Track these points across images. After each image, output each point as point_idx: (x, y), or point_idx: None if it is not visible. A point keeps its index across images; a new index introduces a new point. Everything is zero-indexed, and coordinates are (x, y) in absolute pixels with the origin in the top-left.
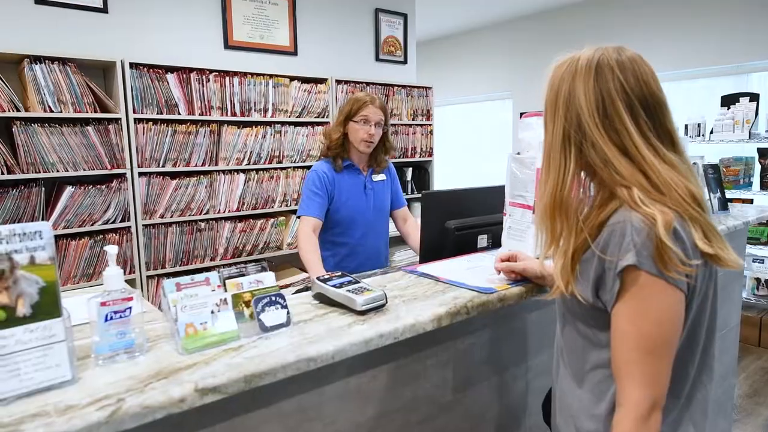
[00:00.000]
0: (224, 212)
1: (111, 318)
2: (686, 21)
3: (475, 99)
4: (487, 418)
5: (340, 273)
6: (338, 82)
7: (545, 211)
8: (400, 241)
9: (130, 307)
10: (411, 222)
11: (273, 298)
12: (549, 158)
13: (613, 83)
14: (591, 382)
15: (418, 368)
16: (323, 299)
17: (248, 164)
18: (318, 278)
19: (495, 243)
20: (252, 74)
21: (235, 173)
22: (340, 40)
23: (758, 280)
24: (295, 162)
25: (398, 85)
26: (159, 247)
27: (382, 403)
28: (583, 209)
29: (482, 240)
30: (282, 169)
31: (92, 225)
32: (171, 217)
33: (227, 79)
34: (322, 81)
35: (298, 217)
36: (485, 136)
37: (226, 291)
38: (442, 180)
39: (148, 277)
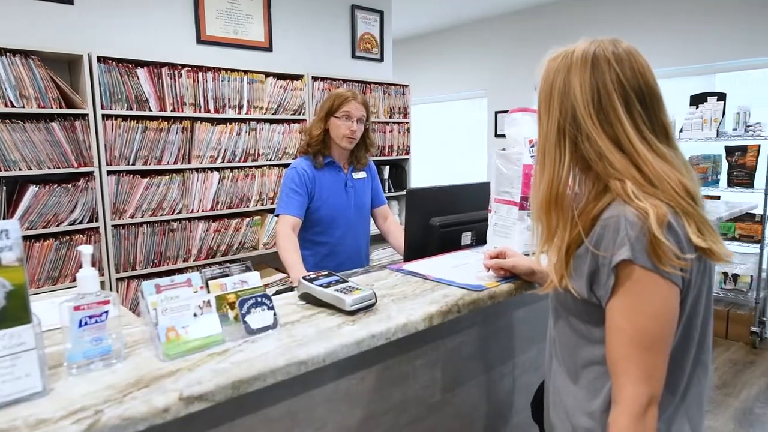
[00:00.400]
0: (198, 212)
1: (86, 323)
2: (656, 22)
3: (450, 97)
4: (476, 417)
5: (326, 272)
6: (315, 78)
7: (541, 206)
8: (378, 239)
9: (106, 312)
10: (391, 220)
11: (259, 299)
12: (544, 152)
13: (610, 75)
14: (586, 378)
15: (407, 369)
16: (310, 299)
17: (222, 162)
18: (304, 278)
19: (479, 240)
20: (226, 70)
21: (209, 171)
22: (316, 36)
23: (726, 274)
24: (270, 160)
25: (375, 83)
26: (129, 249)
27: (372, 405)
28: (578, 203)
29: (466, 237)
30: (257, 167)
31: (58, 226)
32: (142, 217)
33: (200, 74)
34: (298, 77)
35: (276, 216)
36: (461, 135)
37: (209, 292)
38: (419, 178)
39: (118, 279)
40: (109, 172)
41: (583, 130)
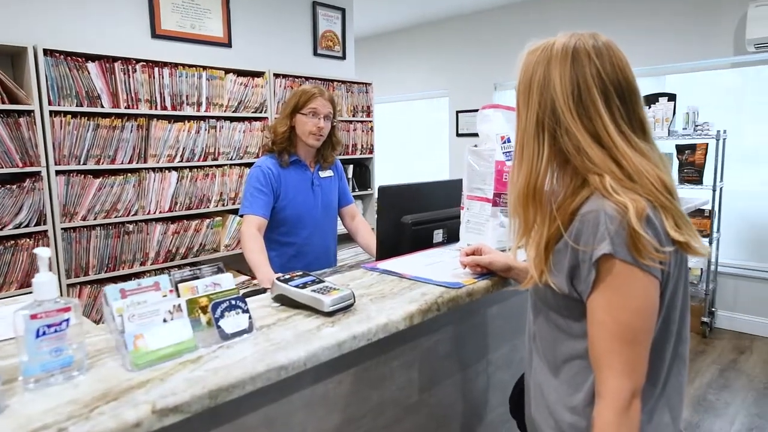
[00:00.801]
0: (155, 213)
1: (44, 333)
2: (611, 23)
3: (412, 97)
4: (452, 416)
5: (301, 272)
6: (276, 76)
7: (518, 200)
8: (343, 239)
9: (66, 320)
10: (359, 219)
11: (233, 302)
12: (522, 145)
13: (590, 69)
14: (567, 373)
15: (384, 370)
16: (285, 301)
17: (181, 161)
18: (278, 279)
19: (450, 238)
20: (183, 65)
21: (167, 171)
22: (277, 33)
23: None
24: (231, 159)
25: (338, 81)
26: (81, 253)
27: (349, 409)
28: (556, 198)
29: (438, 235)
30: (218, 166)
31: (1, 229)
32: (94, 219)
33: (156, 69)
34: (260, 74)
35: (241, 216)
36: (422, 134)
37: (179, 296)
38: (381, 177)
39: (69, 285)
40: (57, 172)
41: (562, 124)
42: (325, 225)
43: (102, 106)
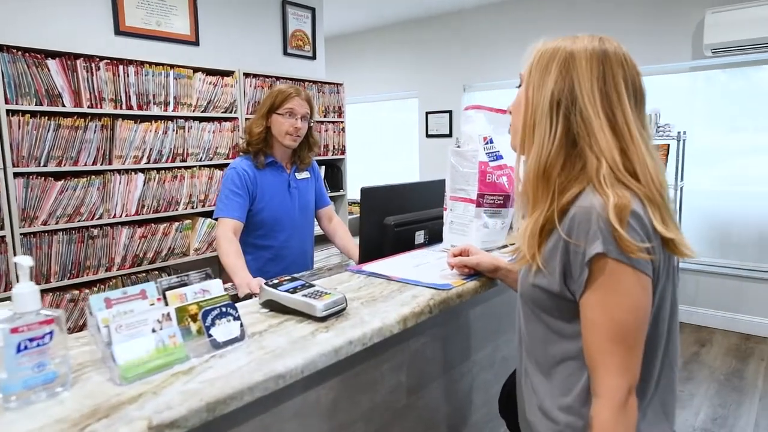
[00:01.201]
0: (121, 217)
1: (25, 348)
2: (577, 27)
3: (382, 97)
4: (438, 418)
5: (289, 276)
6: (246, 75)
7: (528, 182)
8: (318, 240)
9: (50, 332)
10: (336, 221)
11: (223, 309)
12: (534, 124)
13: (616, 65)
14: (560, 374)
15: (375, 374)
16: (274, 306)
17: (148, 163)
18: (266, 284)
19: (432, 239)
20: (150, 63)
21: (133, 173)
22: (246, 31)
23: None
24: (200, 160)
25: (309, 81)
26: (42, 259)
27: (340, 415)
28: (562, 180)
29: (419, 236)
30: (186, 167)
31: None
32: (56, 223)
33: (121, 67)
34: (229, 74)
35: (215, 219)
36: (392, 135)
37: (167, 304)
38: (352, 178)
39: None
40: (16, 174)
41: (577, 105)
42: (303, 227)
43: (63, 105)
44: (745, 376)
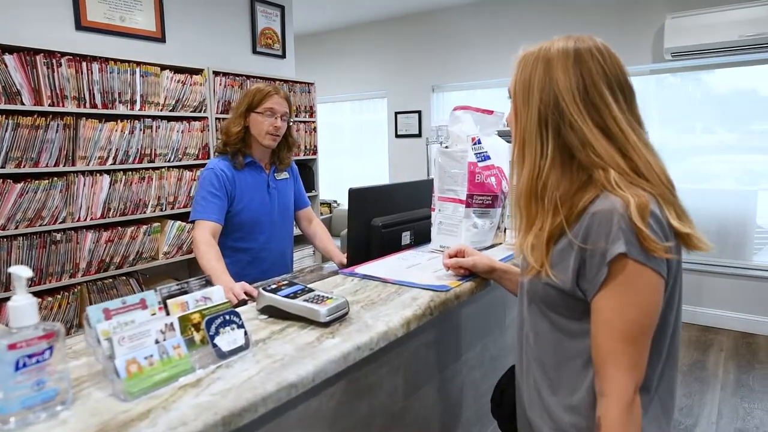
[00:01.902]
0: (85, 220)
1: (24, 365)
2: (543, 30)
3: (351, 97)
4: (432, 419)
5: (286, 281)
6: (216, 73)
7: (521, 196)
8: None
9: (50, 348)
10: (316, 222)
11: (227, 317)
12: (523, 143)
13: (594, 65)
14: (566, 373)
15: (373, 379)
16: (273, 312)
17: (114, 164)
18: (265, 289)
19: (417, 239)
20: (115, 60)
21: (98, 174)
22: (214, 28)
23: None
24: (169, 161)
25: (280, 80)
26: (0, 266)
27: (341, 422)
28: (561, 194)
29: (406, 237)
30: (154, 168)
31: None
32: (16, 228)
33: (84, 64)
34: (198, 72)
35: (192, 222)
36: (361, 135)
37: (168, 313)
38: (322, 179)
39: None
40: None
41: (566, 118)
42: (282, 229)
43: (22, 103)
44: (706, 366)
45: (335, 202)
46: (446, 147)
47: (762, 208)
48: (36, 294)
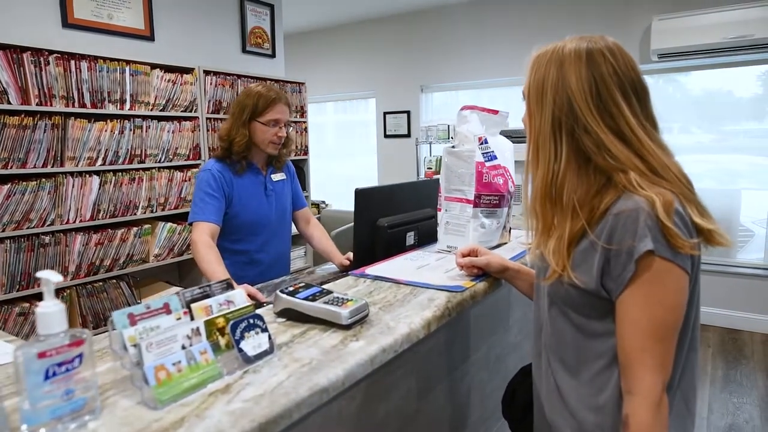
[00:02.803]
0: (74, 222)
1: (54, 374)
2: (530, 33)
3: (340, 97)
4: (442, 421)
5: (303, 283)
6: (206, 73)
7: (536, 201)
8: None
9: (80, 355)
10: (314, 223)
11: (251, 321)
12: (537, 147)
13: (606, 67)
14: (589, 373)
15: (389, 381)
16: (291, 315)
17: (103, 164)
18: (282, 291)
19: (421, 239)
20: (104, 59)
21: (87, 175)
22: (203, 27)
23: None
24: (160, 161)
25: (271, 79)
26: None
27: (360, 425)
28: (579, 197)
29: (410, 237)
30: (145, 169)
31: None
32: (3, 231)
33: (72, 62)
34: (188, 71)
35: (190, 224)
36: (350, 135)
37: (192, 318)
38: (313, 179)
39: None
40: None
41: (580, 122)
42: (280, 230)
43: (9, 103)
44: None
45: (323, 202)
46: (453, 146)
47: (744, 207)
48: (24, 299)
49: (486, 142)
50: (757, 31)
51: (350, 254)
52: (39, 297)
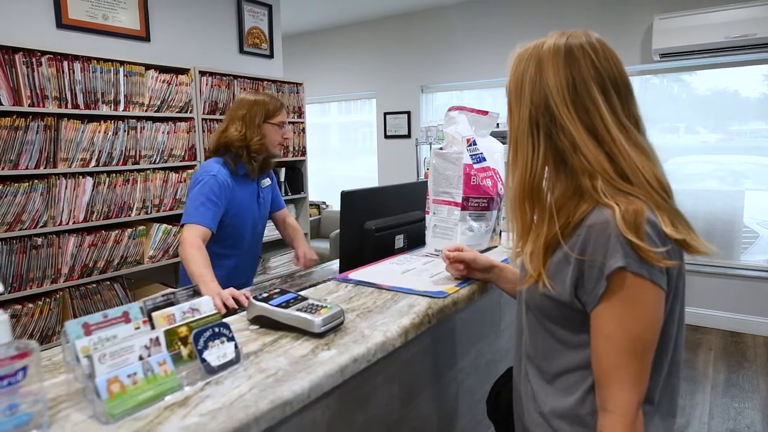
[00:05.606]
0: (68, 224)
1: None
2: (531, 32)
3: (340, 97)
4: (428, 428)
5: (278, 289)
6: (202, 73)
7: (515, 201)
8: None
9: (23, 368)
10: (291, 222)
11: (216, 330)
12: (516, 145)
13: (585, 62)
14: (564, 383)
15: (368, 388)
16: (265, 322)
17: (97, 166)
18: (256, 298)
19: (410, 243)
20: (98, 59)
21: (81, 176)
22: (200, 27)
23: None
24: (154, 162)
25: (268, 80)
26: None
27: None
28: (555, 199)
29: (399, 240)
30: (139, 170)
31: None
32: None
33: (65, 63)
34: (184, 71)
35: (182, 226)
36: (350, 136)
37: (153, 327)
38: (312, 180)
39: None
40: None
41: (557, 121)
42: (261, 234)
43: (1, 104)
44: (696, 366)
45: (324, 203)
46: (441, 148)
47: (749, 208)
48: (16, 301)
49: (474, 144)
50: (759, 30)
51: (309, 252)
52: (32, 299)
